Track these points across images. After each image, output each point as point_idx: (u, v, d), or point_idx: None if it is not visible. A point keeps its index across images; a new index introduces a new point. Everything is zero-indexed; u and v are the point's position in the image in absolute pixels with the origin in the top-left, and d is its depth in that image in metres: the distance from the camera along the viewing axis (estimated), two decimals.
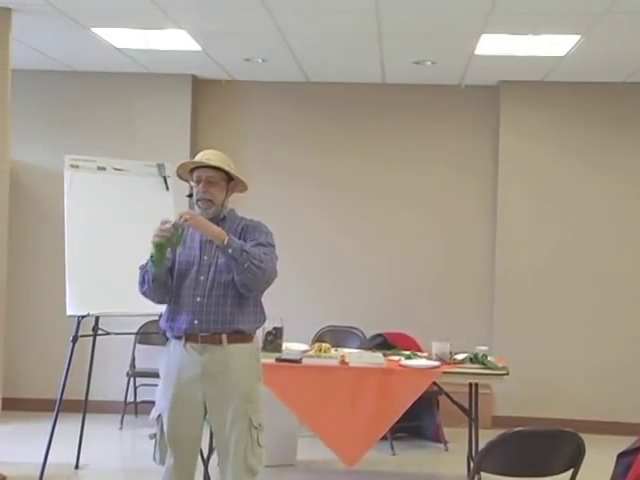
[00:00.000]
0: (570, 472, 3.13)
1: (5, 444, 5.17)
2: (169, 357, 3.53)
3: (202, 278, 3.48)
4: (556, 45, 5.64)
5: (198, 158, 3.59)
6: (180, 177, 3.69)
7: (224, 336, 3.44)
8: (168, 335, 3.56)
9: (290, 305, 6.31)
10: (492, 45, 5.64)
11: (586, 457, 3.08)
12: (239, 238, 3.50)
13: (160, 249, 3.38)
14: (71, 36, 5.72)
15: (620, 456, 2.83)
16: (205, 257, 3.50)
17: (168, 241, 3.38)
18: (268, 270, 3.41)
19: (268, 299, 3.70)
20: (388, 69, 6.51)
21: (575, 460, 3.09)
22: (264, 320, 3.64)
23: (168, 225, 3.37)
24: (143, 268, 3.53)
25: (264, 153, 7.08)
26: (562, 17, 5.04)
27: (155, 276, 3.45)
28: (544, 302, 6.77)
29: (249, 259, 3.34)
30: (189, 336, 3.46)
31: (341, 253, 7.05)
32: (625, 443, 2.86)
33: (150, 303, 3.73)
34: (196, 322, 3.44)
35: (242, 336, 3.48)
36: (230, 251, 3.35)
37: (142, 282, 3.53)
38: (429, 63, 6.23)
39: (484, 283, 6.93)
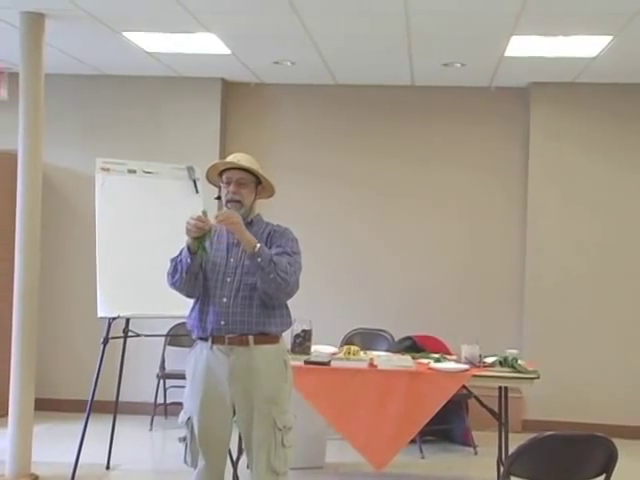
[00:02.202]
0: (602, 478, 3.09)
1: (38, 444, 5.22)
2: (196, 359, 3.54)
3: (228, 280, 3.49)
4: (587, 46, 5.58)
5: (229, 160, 3.63)
6: (209, 180, 3.71)
7: (250, 337, 3.45)
8: (194, 336, 3.58)
9: (319, 307, 6.31)
10: (522, 46, 5.60)
11: (618, 463, 3.05)
12: (265, 243, 3.52)
13: (200, 240, 3.42)
14: (102, 41, 5.78)
15: None
16: (232, 259, 3.52)
17: (203, 234, 3.41)
18: (291, 283, 3.44)
19: (297, 302, 3.70)
20: (417, 71, 6.49)
21: (607, 466, 3.06)
22: (290, 323, 3.65)
23: (197, 220, 3.38)
24: (175, 259, 3.54)
25: (293, 155, 7.09)
26: (593, 18, 4.99)
27: (189, 267, 3.46)
28: (575, 304, 6.71)
29: (276, 270, 3.36)
30: (216, 338, 3.47)
31: (370, 255, 7.04)
32: None
33: (180, 304, 3.76)
34: (222, 323, 3.46)
35: (268, 337, 3.50)
36: (259, 260, 3.37)
37: (173, 273, 3.53)
38: (459, 65, 6.20)
39: (513, 286, 6.88)
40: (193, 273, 3.49)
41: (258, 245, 3.39)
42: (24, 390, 5.09)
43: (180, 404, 3.65)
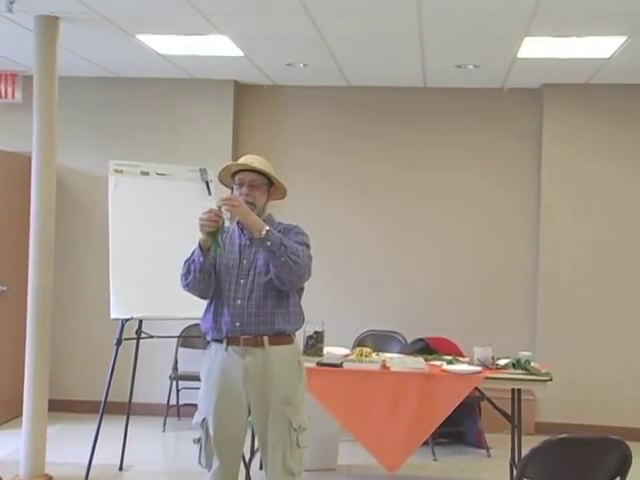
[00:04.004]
0: None
1: (51, 445, 5.24)
2: (210, 360, 3.56)
3: (242, 281, 3.51)
4: (601, 47, 5.56)
5: (241, 162, 3.64)
6: (221, 181, 3.73)
7: (265, 338, 3.47)
8: (209, 338, 3.59)
9: (331, 309, 6.31)
10: (535, 48, 5.58)
11: (633, 466, 3.03)
12: None
13: (213, 236, 3.42)
14: (116, 43, 5.80)
15: None
16: (244, 261, 3.54)
17: (217, 228, 3.41)
18: (303, 266, 3.43)
19: (309, 303, 3.70)
20: (430, 73, 6.49)
21: (621, 469, 3.04)
22: (303, 320, 3.66)
23: (211, 214, 3.40)
24: (187, 260, 3.55)
25: (305, 158, 7.10)
26: (607, 18, 4.97)
27: (202, 266, 3.47)
28: (589, 306, 6.68)
29: (286, 253, 3.36)
30: (230, 339, 3.49)
31: (382, 258, 7.03)
32: None
33: (192, 306, 3.77)
34: (237, 324, 3.47)
35: (283, 337, 3.51)
36: (269, 244, 3.37)
37: (187, 273, 3.53)
38: (471, 67, 6.19)
39: (526, 288, 6.86)
40: (206, 272, 3.50)
41: (266, 228, 3.39)
42: (38, 391, 5.12)
43: (193, 405, 3.66)
